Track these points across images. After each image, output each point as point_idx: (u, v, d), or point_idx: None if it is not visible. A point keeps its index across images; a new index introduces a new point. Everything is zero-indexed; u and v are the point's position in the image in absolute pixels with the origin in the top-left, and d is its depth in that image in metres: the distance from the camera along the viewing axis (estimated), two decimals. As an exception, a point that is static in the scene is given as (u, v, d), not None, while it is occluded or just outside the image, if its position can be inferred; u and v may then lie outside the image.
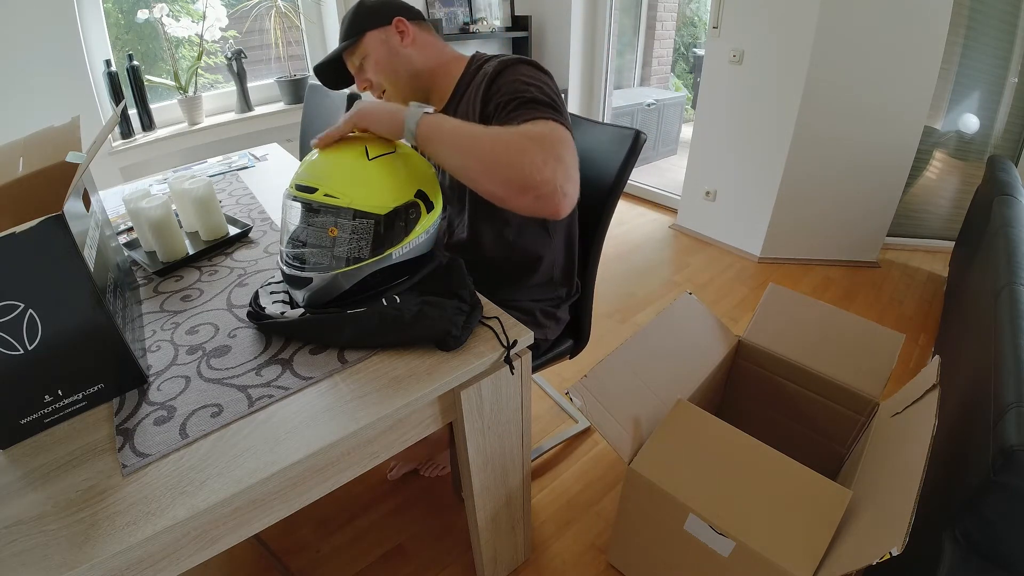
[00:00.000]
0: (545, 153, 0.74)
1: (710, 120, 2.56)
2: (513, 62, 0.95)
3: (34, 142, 0.88)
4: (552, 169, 0.73)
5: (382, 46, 1.03)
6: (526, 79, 0.91)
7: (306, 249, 0.83)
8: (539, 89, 0.88)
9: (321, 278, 0.82)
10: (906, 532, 0.69)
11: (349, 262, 0.82)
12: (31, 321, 0.63)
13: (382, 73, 1.04)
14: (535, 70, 0.94)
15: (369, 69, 1.05)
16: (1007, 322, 0.98)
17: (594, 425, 1.03)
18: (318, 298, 0.84)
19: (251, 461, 0.64)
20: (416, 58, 1.05)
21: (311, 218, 0.82)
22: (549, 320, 1.18)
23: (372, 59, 1.04)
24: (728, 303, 2.24)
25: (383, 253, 0.83)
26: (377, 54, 1.03)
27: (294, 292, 0.87)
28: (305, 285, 0.83)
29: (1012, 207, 1.54)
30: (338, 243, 0.81)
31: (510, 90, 0.89)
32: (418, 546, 1.28)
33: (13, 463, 0.66)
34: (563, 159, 0.75)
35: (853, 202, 2.36)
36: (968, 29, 2.24)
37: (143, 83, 2.08)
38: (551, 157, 0.74)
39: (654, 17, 4.12)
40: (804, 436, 1.31)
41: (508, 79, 0.92)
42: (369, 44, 1.03)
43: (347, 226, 0.81)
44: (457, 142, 0.78)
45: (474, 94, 0.98)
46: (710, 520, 0.91)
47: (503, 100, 0.89)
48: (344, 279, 0.83)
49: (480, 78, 0.98)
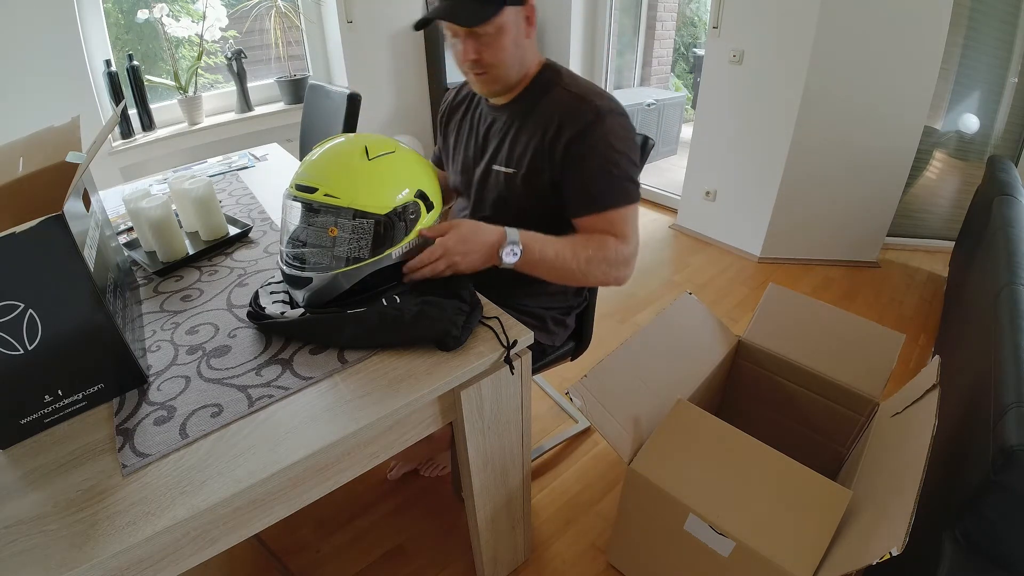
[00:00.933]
0: (617, 272, 0.98)
1: (710, 120, 2.55)
2: (607, 113, 0.94)
3: (34, 142, 0.88)
4: (617, 278, 0.99)
5: (515, 27, 0.93)
6: (618, 146, 0.94)
7: (306, 249, 0.83)
8: (627, 159, 0.95)
9: (321, 278, 0.82)
10: (906, 532, 0.69)
11: (349, 262, 0.82)
12: (31, 321, 0.63)
13: (504, 54, 0.93)
14: (624, 129, 0.96)
15: (492, 45, 0.92)
16: (1007, 322, 0.98)
17: (594, 425, 1.03)
18: (318, 298, 0.84)
19: (251, 461, 0.64)
20: (529, 51, 0.98)
21: (311, 218, 0.82)
22: (559, 327, 1.19)
23: (506, 36, 0.92)
24: (728, 303, 2.24)
25: (383, 253, 0.83)
26: (510, 33, 0.92)
27: (294, 292, 0.87)
28: (305, 285, 0.83)
29: (1012, 207, 1.54)
30: (338, 243, 0.81)
31: (600, 158, 0.93)
32: (418, 546, 1.28)
33: (13, 463, 0.66)
34: (626, 269, 0.99)
35: (853, 202, 2.36)
36: (968, 29, 2.23)
37: (143, 83, 2.08)
38: (621, 273, 0.98)
39: (654, 17, 4.11)
40: (804, 436, 1.31)
41: (600, 139, 0.93)
42: (507, 18, 0.91)
43: (347, 226, 0.81)
44: (550, 271, 0.94)
45: (551, 119, 0.96)
46: (710, 520, 0.91)
47: (590, 168, 0.94)
48: (344, 279, 0.83)
49: (561, 100, 0.96)
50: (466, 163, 1.11)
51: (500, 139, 1.04)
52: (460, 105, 1.16)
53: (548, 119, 0.96)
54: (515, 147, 1.01)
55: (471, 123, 1.11)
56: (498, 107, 1.05)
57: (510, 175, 1.02)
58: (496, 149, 1.04)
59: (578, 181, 0.95)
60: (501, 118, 1.04)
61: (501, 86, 0.99)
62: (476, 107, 1.11)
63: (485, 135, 1.07)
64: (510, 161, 1.01)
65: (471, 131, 1.11)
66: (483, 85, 0.99)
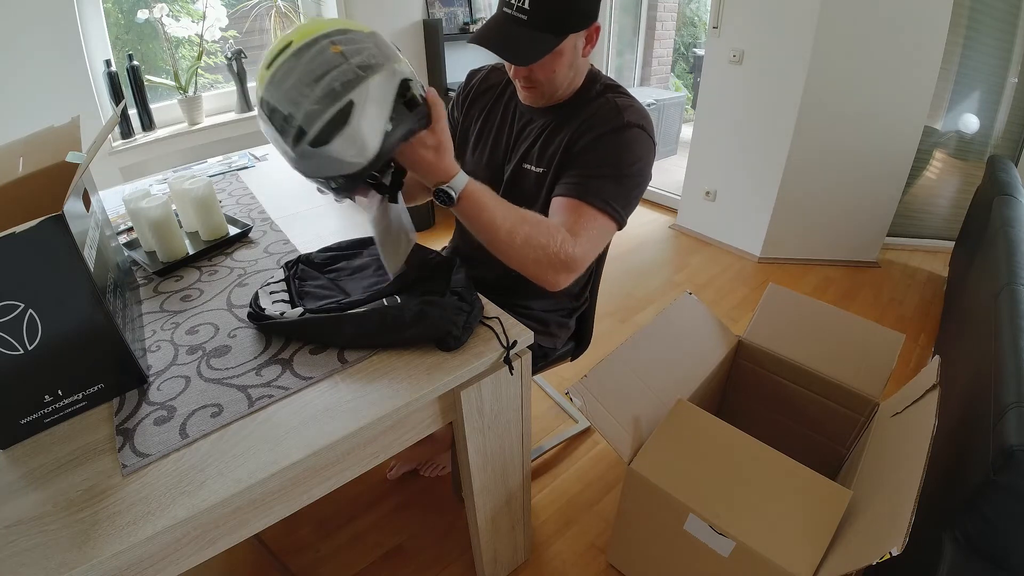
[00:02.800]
0: (554, 272, 0.86)
1: (710, 120, 2.55)
2: (635, 127, 0.92)
3: (34, 142, 0.88)
4: (551, 280, 0.87)
5: (573, 51, 0.90)
6: (628, 159, 0.91)
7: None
8: (632, 181, 0.91)
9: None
10: (906, 532, 0.69)
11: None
12: (31, 321, 0.63)
13: (557, 76, 0.92)
14: (643, 149, 0.93)
15: (546, 67, 0.90)
16: (1007, 322, 0.98)
17: (594, 425, 1.03)
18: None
19: (251, 461, 0.64)
20: (581, 70, 0.96)
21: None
22: (561, 330, 1.19)
23: (562, 60, 0.90)
24: (728, 303, 2.24)
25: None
26: (567, 57, 0.90)
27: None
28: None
29: (1012, 207, 1.54)
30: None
31: (607, 158, 0.91)
32: (418, 546, 1.28)
33: (13, 463, 0.66)
34: (563, 273, 0.86)
35: (853, 202, 2.36)
36: (968, 29, 2.23)
37: (143, 83, 2.07)
38: (556, 276, 0.86)
39: (654, 17, 4.11)
40: (804, 436, 1.31)
41: (616, 144, 0.91)
42: (567, 45, 0.88)
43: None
44: (482, 230, 0.82)
45: (585, 121, 0.94)
46: (710, 520, 0.91)
47: (593, 161, 0.91)
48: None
49: (601, 107, 0.95)
50: (494, 158, 1.08)
51: (534, 139, 1.02)
52: (489, 91, 1.10)
53: (582, 121, 0.95)
54: (547, 147, 0.99)
55: (503, 116, 1.07)
56: (537, 108, 1.01)
57: (540, 174, 1.00)
58: (529, 148, 1.02)
59: (576, 168, 0.93)
60: (538, 120, 1.02)
61: (547, 100, 0.97)
62: (512, 98, 1.07)
63: (519, 133, 1.05)
64: (541, 160, 1.00)
65: (503, 125, 1.07)
66: (530, 97, 0.97)
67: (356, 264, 1.00)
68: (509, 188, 1.05)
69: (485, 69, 1.13)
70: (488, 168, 1.09)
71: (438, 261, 0.95)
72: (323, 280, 0.96)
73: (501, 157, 1.07)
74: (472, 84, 1.13)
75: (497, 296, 0.95)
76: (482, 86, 1.11)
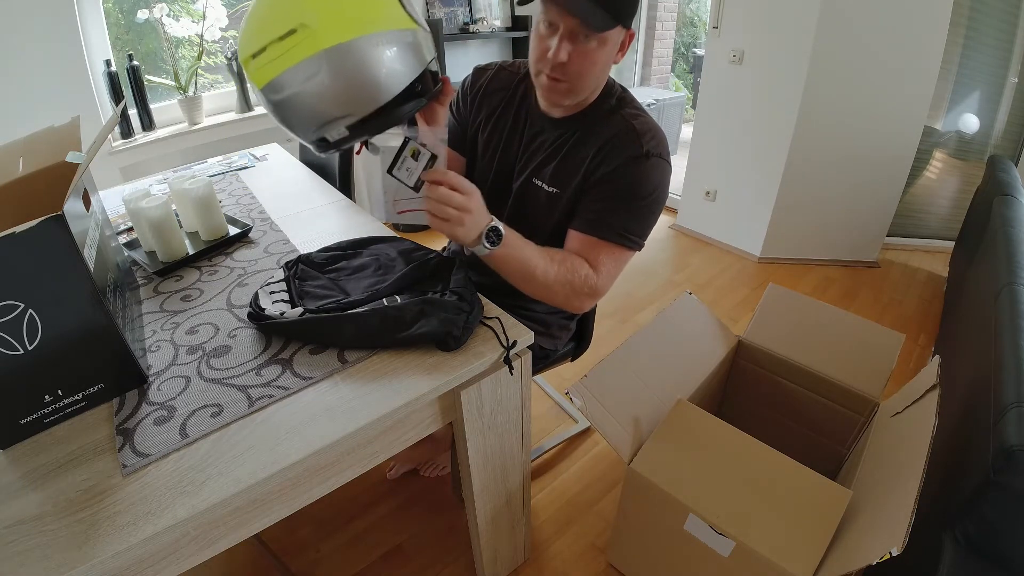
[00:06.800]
0: (579, 300, 0.95)
1: (710, 120, 2.55)
2: (653, 156, 0.92)
3: (34, 142, 0.88)
4: (576, 306, 0.97)
5: (613, 46, 0.87)
6: (644, 191, 0.92)
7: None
8: (648, 209, 0.94)
9: None
10: (906, 532, 0.69)
11: None
12: (31, 321, 0.63)
13: (594, 68, 0.88)
14: (660, 177, 0.94)
15: (588, 56, 0.85)
16: (1007, 322, 0.98)
17: (594, 425, 1.03)
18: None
19: (251, 461, 0.64)
20: (603, 79, 0.95)
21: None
22: (562, 332, 1.19)
23: (604, 52, 0.86)
24: (728, 303, 2.24)
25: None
26: (608, 50, 0.87)
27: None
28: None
29: (1012, 207, 1.54)
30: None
31: (623, 192, 0.92)
32: (418, 546, 1.28)
33: (13, 463, 0.66)
34: (588, 300, 0.96)
35: (853, 202, 2.36)
36: (968, 29, 2.24)
37: (143, 83, 2.07)
38: (581, 302, 0.96)
39: (654, 17, 4.11)
40: (804, 436, 1.31)
41: (633, 176, 0.92)
42: (613, 36, 0.85)
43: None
44: (514, 273, 0.89)
45: (602, 147, 0.93)
46: (710, 520, 0.91)
47: (609, 194, 0.93)
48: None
49: (618, 128, 0.94)
50: (503, 167, 1.05)
51: (548, 154, 0.98)
52: (498, 92, 1.05)
53: (600, 146, 0.93)
54: (564, 166, 0.97)
55: (513, 123, 1.03)
56: (550, 118, 0.98)
57: (552, 194, 0.98)
58: (542, 163, 0.99)
59: (594, 201, 0.94)
60: (553, 132, 0.98)
61: (570, 100, 0.93)
62: (521, 104, 1.03)
63: (528, 143, 1.01)
64: (556, 181, 0.98)
65: (512, 133, 1.03)
66: (553, 94, 0.91)
67: (356, 264, 1.00)
68: (517, 202, 1.03)
69: (494, 67, 1.08)
70: (496, 179, 1.06)
71: (438, 261, 0.95)
72: (323, 280, 0.96)
73: (510, 166, 1.04)
74: (481, 82, 1.07)
75: (499, 299, 0.95)
76: (491, 86, 1.06)
